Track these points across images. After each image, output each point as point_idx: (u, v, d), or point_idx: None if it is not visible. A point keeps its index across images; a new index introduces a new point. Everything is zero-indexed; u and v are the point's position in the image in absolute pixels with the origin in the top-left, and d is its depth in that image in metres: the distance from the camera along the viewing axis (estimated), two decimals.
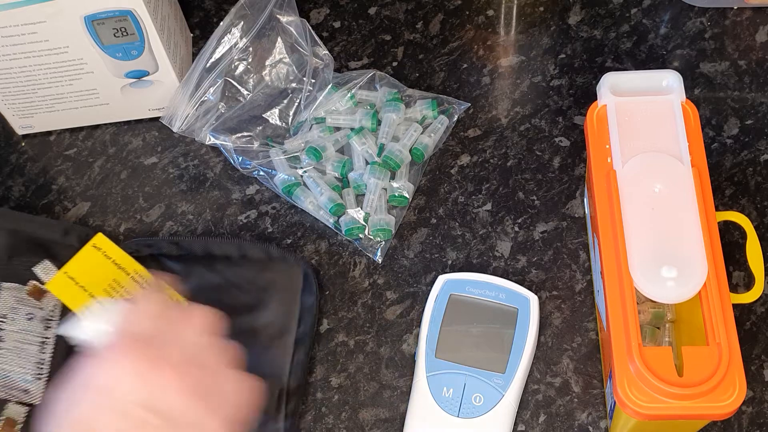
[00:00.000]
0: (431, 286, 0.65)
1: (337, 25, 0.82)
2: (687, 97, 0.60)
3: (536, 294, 0.65)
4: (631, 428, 0.56)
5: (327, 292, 0.69)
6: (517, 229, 0.71)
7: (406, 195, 0.71)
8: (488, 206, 0.72)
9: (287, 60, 0.76)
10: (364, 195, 0.71)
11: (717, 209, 0.60)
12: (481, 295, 0.64)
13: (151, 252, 0.68)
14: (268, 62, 0.76)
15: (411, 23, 0.81)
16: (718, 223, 0.57)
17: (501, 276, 0.66)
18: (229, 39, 0.74)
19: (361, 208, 0.71)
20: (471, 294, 0.64)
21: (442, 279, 0.65)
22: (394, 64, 0.79)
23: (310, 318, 0.65)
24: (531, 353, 0.63)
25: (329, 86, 0.75)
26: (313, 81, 0.76)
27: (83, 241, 0.57)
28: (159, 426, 0.48)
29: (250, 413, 0.51)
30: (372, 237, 0.70)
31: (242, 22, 0.74)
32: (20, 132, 0.78)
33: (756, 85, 0.75)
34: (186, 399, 0.49)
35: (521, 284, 0.65)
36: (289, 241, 0.72)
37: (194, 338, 0.51)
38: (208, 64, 0.73)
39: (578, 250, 0.69)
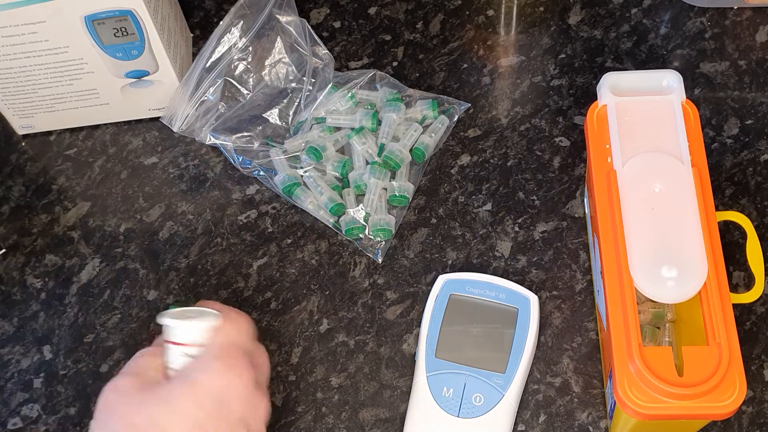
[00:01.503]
0: (431, 286, 0.65)
1: (337, 25, 0.82)
2: (687, 97, 0.60)
3: (536, 294, 0.65)
4: (631, 428, 0.56)
5: (327, 292, 0.69)
6: (517, 229, 0.71)
7: (406, 195, 0.71)
8: (488, 206, 0.72)
9: (287, 60, 0.76)
10: (364, 195, 0.71)
11: (717, 209, 0.60)
12: (481, 295, 0.64)
13: None
14: (267, 62, 0.76)
15: (411, 23, 0.81)
16: (718, 223, 0.57)
17: (501, 276, 0.66)
18: (229, 39, 0.74)
19: (362, 208, 0.71)
20: (471, 294, 0.64)
21: (442, 279, 0.65)
22: (394, 64, 0.79)
23: None
24: (531, 353, 0.63)
25: (329, 86, 0.75)
26: (312, 81, 0.76)
27: None
28: None
29: None
30: (372, 237, 0.70)
31: (242, 22, 0.74)
32: (20, 132, 0.78)
33: (756, 85, 0.75)
34: (263, 426, 0.53)
35: (521, 284, 0.65)
36: (289, 241, 0.72)
37: (264, 366, 0.55)
38: (208, 64, 0.73)
39: (578, 250, 0.69)
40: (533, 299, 0.64)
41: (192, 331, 0.53)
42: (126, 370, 0.53)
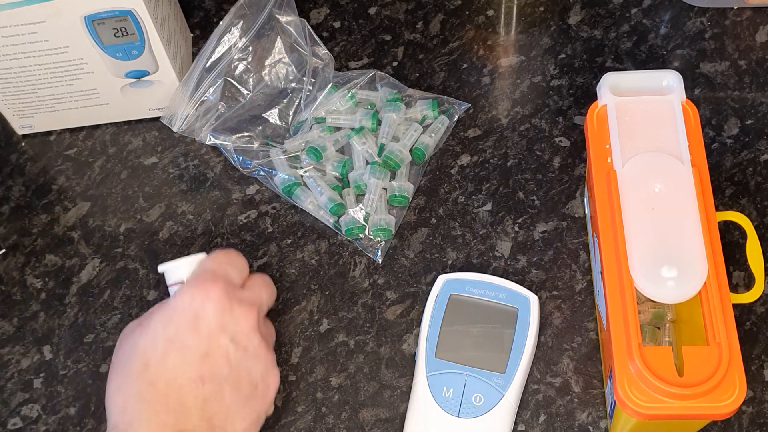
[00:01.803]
0: (431, 286, 0.65)
1: (337, 25, 0.82)
2: (687, 97, 0.60)
3: (536, 294, 0.65)
4: (631, 428, 0.56)
5: (327, 292, 0.69)
6: (517, 229, 0.71)
7: (407, 195, 0.71)
8: (488, 206, 0.72)
9: (287, 60, 0.76)
10: (364, 195, 0.71)
11: (717, 209, 0.60)
12: (481, 295, 0.64)
13: None
14: (267, 62, 0.76)
15: (411, 23, 0.81)
16: (718, 223, 0.57)
17: (501, 276, 0.66)
18: (229, 39, 0.74)
19: (362, 208, 0.71)
20: (471, 294, 0.64)
21: (442, 279, 0.65)
22: (394, 64, 0.79)
23: None
24: (531, 353, 0.63)
25: (329, 86, 0.75)
26: (312, 81, 0.76)
27: None
28: (237, 357, 0.54)
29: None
30: (372, 237, 0.70)
31: (242, 22, 0.74)
32: (20, 132, 0.78)
33: (756, 85, 0.75)
34: (258, 340, 0.55)
35: (521, 284, 0.65)
36: (289, 241, 0.72)
37: (261, 296, 0.58)
38: (208, 64, 0.73)
39: (578, 250, 0.69)
40: (533, 299, 0.64)
41: (179, 269, 0.58)
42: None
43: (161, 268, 0.59)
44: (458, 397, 0.61)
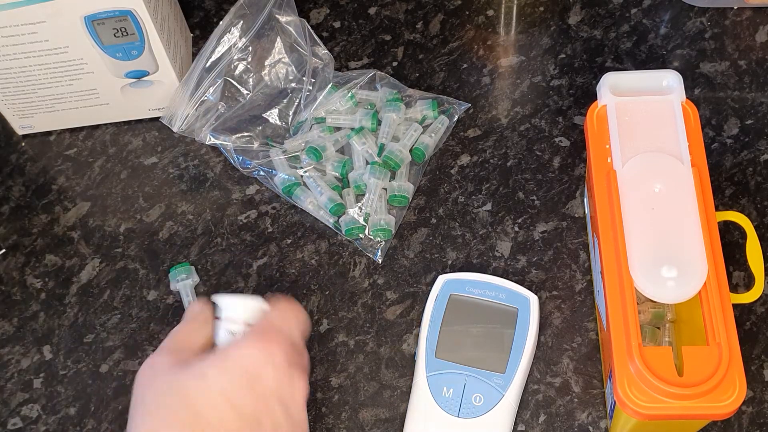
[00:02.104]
0: (431, 286, 0.65)
1: (337, 25, 0.82)
2: (687, 97, 0.60)
3: (536, 294, 0.65)
4: (631, 428, 0.56)
5: (327, 292, 0.69)
6: (517, 229, 0.71)
7: (406, 195, 0.71)
8: (488, 206, 0.72)
9: (287, 60, 0.76)
10: (364, 195, 0.71)
11: (717, 209, 0.60)
12: (481, 295, 0.64)
13: None
14: (267, 62, 0.76)
15: (411, 23, 0.81)
16: (718, 223, 0.57)
17: (501, 276, 0.66)
18: (229, 39, 0.74)
19: (361, 208, 0.71)
20: (471, 294, 0.64)
21: (442, 279, 0.65)
22: (394, 64, 0.79)
23: None
24: (531, 353, 0.63)
25: (329, 86, 0.75)
26: (312, 81, 0.76)
27: None
28: (285, 427, 0.50)
29: None
30: (372, 237, 0.70)
31: (241, 22, 0.74)
32: (20, 132, 0.78)
33: (756, 85, 0.75)
34: (305, 413, 0.52)
35: (521, 284, 0.65)
36: (289, 241, 0.72)
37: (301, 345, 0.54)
38: (207, 64, 0.73)
39: (578, 250, 0.69)
40: (533, 299, 0.64)
41: (237, 308, 0.54)
42: (163, 345, 0.53)
43: (216, 299, 0.55)
44: (458, 397, 0.61)
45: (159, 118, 0.76)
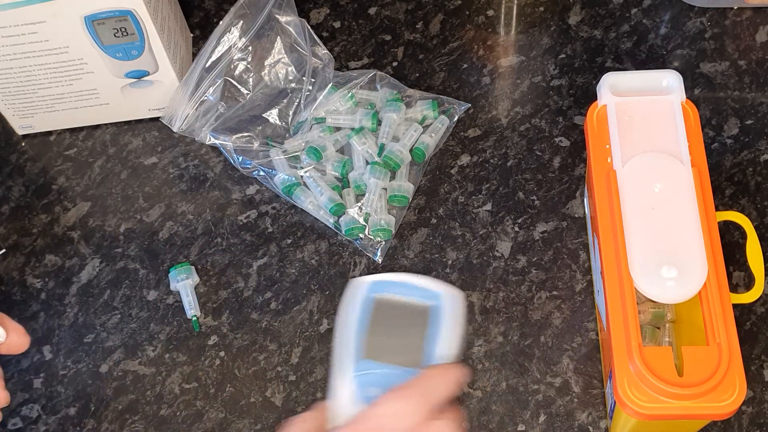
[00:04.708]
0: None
1: (337, 25, 0.82)
2: (687, 97, 0.60)
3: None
4: (631, 428, 0.56)
5: (327, 292, 0.69)
6: (517, 229, 0.71)
7: (407, 195, 0.71)
8: (488, 206, 0.72)
9: (286, 60, 0.76)
10: (364, 195, 0.71)
11: (717, 209, 0.60)
12: (395, 294, 0.63)
13: None
14: (267, 62, 0.76)
15: (411, 23, 0.81)
16: (718, 223, 0.57)
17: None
18: (229, 39, 0.74)
19: (361, 208, 0.71)
20: (385, 294, 0.63)
21: (353, 283, 0.64)
22: (394, 64, 0.79)
23: None
24: (450, 347, 0.61)
25: (329, 86, 0.75)
26: (312, 81, 0.76)
27: None
28: None
29: None
30: (372, 237, 0.70)
31: (241, 22, 0.74)
32: (20, 132, 0.78)
33: (756, 85, 0.75)
34: None
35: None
36: (289, 241, 0.72)
37: None
38: (207, 64, 0.73)
39: (578, 250, 0.69)
40: (446, 293, 0.62)
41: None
42: None
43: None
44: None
45: (159, 118, 0.76)
